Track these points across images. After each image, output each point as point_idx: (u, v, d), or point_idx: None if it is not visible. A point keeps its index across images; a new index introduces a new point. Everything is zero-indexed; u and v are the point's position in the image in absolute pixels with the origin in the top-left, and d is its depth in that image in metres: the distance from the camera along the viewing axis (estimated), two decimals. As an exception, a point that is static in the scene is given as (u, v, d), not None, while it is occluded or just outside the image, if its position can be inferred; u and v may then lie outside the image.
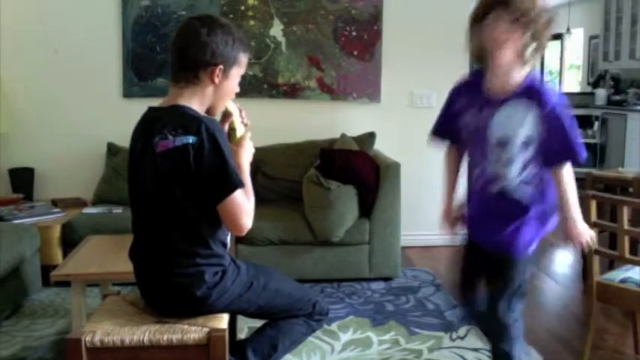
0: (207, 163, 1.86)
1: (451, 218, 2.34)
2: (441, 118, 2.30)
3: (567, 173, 2.09)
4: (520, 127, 2.05)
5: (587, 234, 2.13)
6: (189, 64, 1.92)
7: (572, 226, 2.11)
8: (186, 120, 1.89)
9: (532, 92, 2.04)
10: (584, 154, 2.05)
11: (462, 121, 2.19)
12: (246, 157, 2.06)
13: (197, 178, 1.87)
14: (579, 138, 2.05)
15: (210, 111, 2.02)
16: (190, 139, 1.85)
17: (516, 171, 2.09)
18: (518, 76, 2.05)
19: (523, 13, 1.95)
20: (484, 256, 2.23)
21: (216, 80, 1.95)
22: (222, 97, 2.01)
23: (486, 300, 2.25)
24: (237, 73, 2.01)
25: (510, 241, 2.13)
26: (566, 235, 2.14)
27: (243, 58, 2.02)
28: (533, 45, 2.00)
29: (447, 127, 2.27)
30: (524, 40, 1.98)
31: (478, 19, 2.03)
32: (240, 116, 2.12)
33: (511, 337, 2.19)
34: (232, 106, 2.10)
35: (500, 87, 2.08)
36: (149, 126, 1.96)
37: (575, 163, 2.07)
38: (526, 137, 2.05)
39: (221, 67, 1.94)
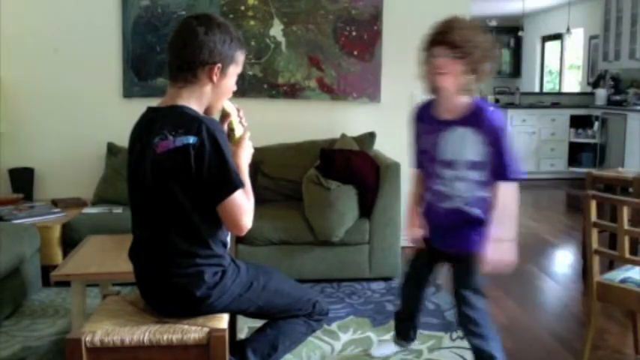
0: (208, 164, 1.86)
1: (414, 233, 2.56)
2: (415, 151, 2.54)
3: (506, 193, 2.30)
4: (466, 150, 2.30)
5: (506, 260, 2.29)
6: (187, 64, 1.92)
7: (493, 247, 2.28)
8: (186, 120, 1.89)
9: (477, 118, 2.28)
10: (517, 175, 2.29)
11: (420, 144, 2.47)
12: (245, 157, 2.06)
13: (198, 178, 1.87)
14: (514, 160, 2.28)
15: (208, 110, 2.02)
16: (191, 140, 1.85)
17: (467, 189, 2.33)
18: (463, 101, 2.31)
19: (461, 48, 2.21)
20: (437, 256, 2.53)
21: (215, 79, 1.95)
22: (220, 95, 2.02)
23: (454, 299, 2.47)
24: (234, 72, 2.02)
25: (467, 241, 2.36)
26: (487, 254, 2.30)
27: (241, 57, 2.02)
28: (472, 76, 2.25)
29: (420, 158, 2.52)
30: (463, 71, 2.23)
31: (426, 49, 2.31)
32: (238, 116, 2.12)
33: (483, 335, 2.40)
34: (230, 107, 2.10)
35: (447, 110, 2.34)
36: (148, 126, 1.95)
37: (511, 180, 2.30)
38: (473, 160, 2.30)
39: (219, 65, 1.94)
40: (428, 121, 2.41)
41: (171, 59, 1.97)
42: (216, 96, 2.00)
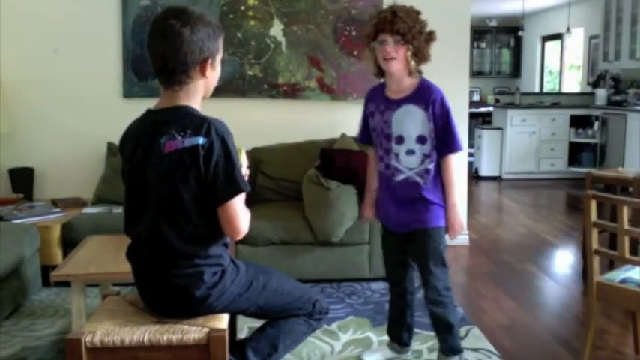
0: (215, 164, 1.86)
1: (367, 212, 2.81)
2: (362, 127, 2.73)
3: (451, 163, 2.54)
4: (412, 126, 2.50)
5: (459, 222, 2.55)
6: (180, 67, 1.90)
7: (452, 212, 2.54)
8: (194, 121, 1.89)
9: (421, 96, 2.50)
10: (460, 147, 2.52)
11: (372, 123, 2.64)
12: None
13: (204, 178, 1.87)
14: (457, 133, 2.51)
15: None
16: (200, 140, 1.85)
17: (417, 162, 2.53)
18: (410, 81, 2.53)
19: (404, 33, 2.42)
20: (401, 240, 2.67)
21: (207, 74, 1.95)
22: (211, 85, 2.02)
23: (419, 275, 2.66)
24: (219, 59, 2.02)
25: (422, 219, 2.56)
26: (446, 220, 2.55)
27: (221, 42, 2.02)
28: (415, 59, 2.47)
29: (366, 135, 2.71)
30: (408, 55, 2.45)
31: (371, 37, 2.51)
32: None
33: (444, 303, 2.61)
34: (244, 159, 2.10)
35: (396, 91, 2.55)
36: (153, 127, 1.94)
37: (452, 153, 2.53)
38: (419, 134, 2.50)
39: (210, 60, 1.94)
40: (381, 102, 2.59)
41: (159, 63, 1.91)
42: (208, 87, 2.01)
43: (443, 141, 2.51)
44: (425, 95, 2.49)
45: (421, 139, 2.51)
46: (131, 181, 2.01)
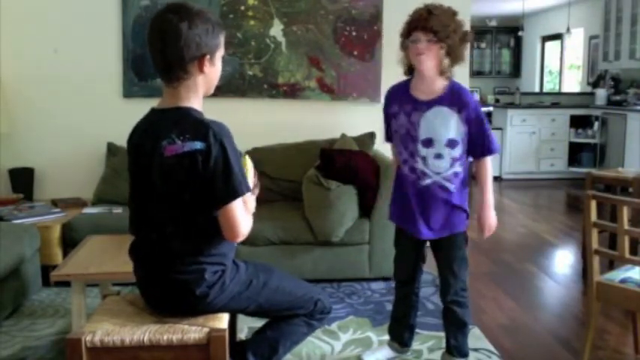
0: (213, 169, 1.85)
1: None
2: (385, 128, 2.72)
3: (487, 164, 2.55)
4: (444, 128, 2.46)
5: (493, 223, 2.58)
6: (176, 62, 1.89)
7: (485, 211, 2.55)
8: (193, 124, 1.89)
9: (454, 98, 2.46)
10: (497, 148, 2.55)
11: (395, 124, 2.59)
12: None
13: (203, 181, 1.87)
14: (492, 135, 2.51)
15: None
16: (198, 145, 1.85)
17: (445, 166, 2.50)
18: (441, 82, 2.48)
19: (438, 33, 2.37)
20: (419, 242, 2.66)
21: (206, 70, 1.94)
22: (212, 82, 2.01)
23: (439, 275, 2.70)
24: (220, 56, 2.01)
25: (449, 225, 2.56)
26: (479, 218, 2.58)
27: (222, 39, 2.01)
28: (449, 59, 2.42)
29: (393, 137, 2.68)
30: (440, 54, 2.41)
31: (405, 35, 2.48)
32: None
33: (461, 303, 2.65)
34: (249, 165, 2.09)
35: (426, 92, 2.49)
36: (156, 128, 1.94)
37: (490, 154, 2.54)
38: (450, 138, 2.46)
39: (207, 56, 1.93)
40: (406, 102, 2.53)
41: (157, 58, 1.92)
42: (208, 84, 2.00)
43: (479, 144, 2.49)
44: (458, 98, 2.45)
45: (451, 143, 2.47)
46: (136, 181, 2.02)
